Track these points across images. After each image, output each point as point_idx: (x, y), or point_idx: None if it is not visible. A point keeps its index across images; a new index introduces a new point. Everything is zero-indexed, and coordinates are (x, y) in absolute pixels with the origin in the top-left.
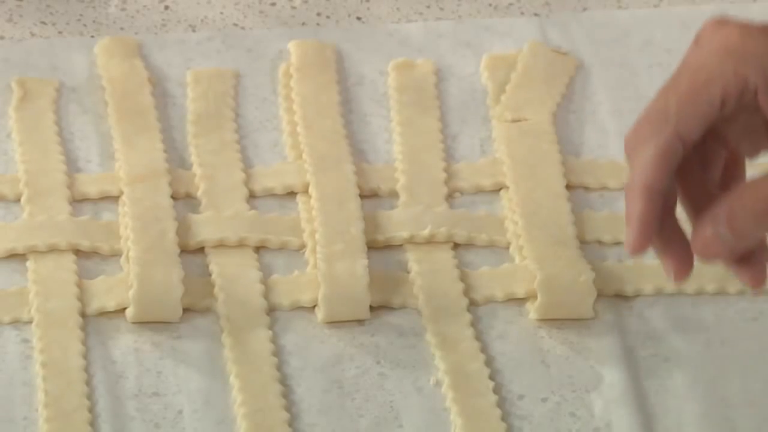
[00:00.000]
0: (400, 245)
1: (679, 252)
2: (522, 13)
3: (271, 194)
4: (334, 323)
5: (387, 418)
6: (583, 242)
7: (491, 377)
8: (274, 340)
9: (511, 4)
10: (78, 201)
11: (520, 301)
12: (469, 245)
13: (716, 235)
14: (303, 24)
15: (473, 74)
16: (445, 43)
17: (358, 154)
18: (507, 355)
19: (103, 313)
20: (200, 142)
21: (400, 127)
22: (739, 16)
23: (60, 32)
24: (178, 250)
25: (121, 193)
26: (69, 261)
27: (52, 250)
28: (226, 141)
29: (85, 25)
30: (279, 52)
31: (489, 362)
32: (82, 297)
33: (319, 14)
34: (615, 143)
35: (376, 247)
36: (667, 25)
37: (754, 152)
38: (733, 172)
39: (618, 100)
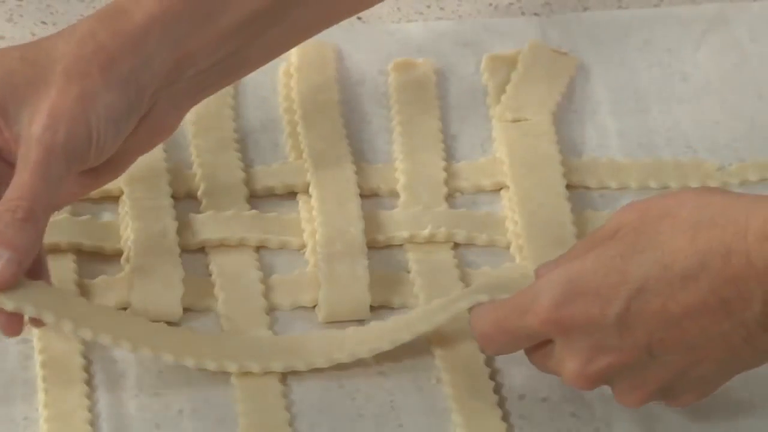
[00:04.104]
0: (401, 245)
1: None
2: (522, 13)
3: (272, 194)
4: (334, 323)
5: (387, 418)
6: None
7: (491, 377)
8: None
9: (511, 3)
10: (78, 201)
11: None
12: (469, 245)
13: None
14: None
15: (473, 74)
16: (446, 42)
17: (359, 153)
18: (507, 354)
19: None
20: (200, 141)
21: (401, 126)
22: (739, 16)
23: None
24: (179, 250)
25: (122, 192)
26: (69, 261)
27: (53, 249)
28: (227, 141)
29: None
30: None
31: (489, 362)
32: (83, 297)
33: None
34: (615, 143)
35: (377, 246)
36: (668, 25)
37: None
38: None
39: (618, 100)
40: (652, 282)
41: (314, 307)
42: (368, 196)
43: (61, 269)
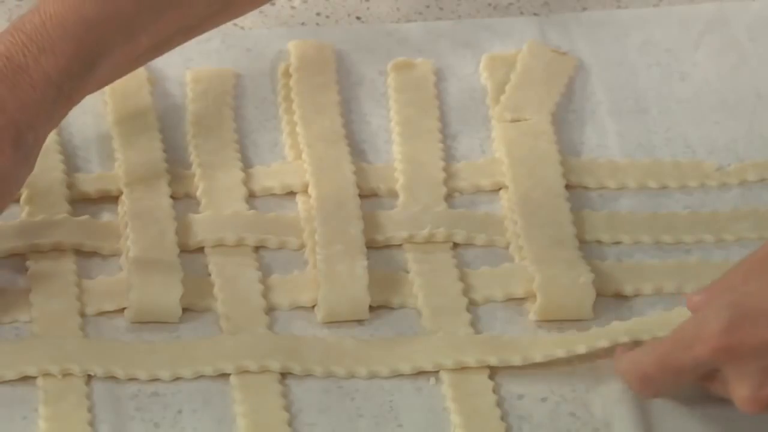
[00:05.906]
0: (400, 245)
1: None
2: (521, 13)
3: (271, 194)
4: (333, 323)
5: (386, 418)
6: (582, 242)
7: (491, 377)
8: None
9: (510, 3)
10: (77, 201)
11: (520, 301)
12: (468, 245)
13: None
14: (302, 24)
15: (473, 74)
16: (445, 43)
17: (358, 154)
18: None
19: (103, 313)
20: (199, 142)
21: (400, 127)
22: (739, 15)
23: None
24: (178, 250)
25: (121, 192)
26: (68, 261)
27: (52, 249)
28: (226, 141)
29: None
30: (278, 52)
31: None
32: (82, 297)
33: (318, 14)
34: (614, 143)
35: (376, 247)
36: (667, 25)
37: None
38: None
39: (617, 100)
40: None
41: (313, 307)
42: (367, 196)
43: (61, 269)
